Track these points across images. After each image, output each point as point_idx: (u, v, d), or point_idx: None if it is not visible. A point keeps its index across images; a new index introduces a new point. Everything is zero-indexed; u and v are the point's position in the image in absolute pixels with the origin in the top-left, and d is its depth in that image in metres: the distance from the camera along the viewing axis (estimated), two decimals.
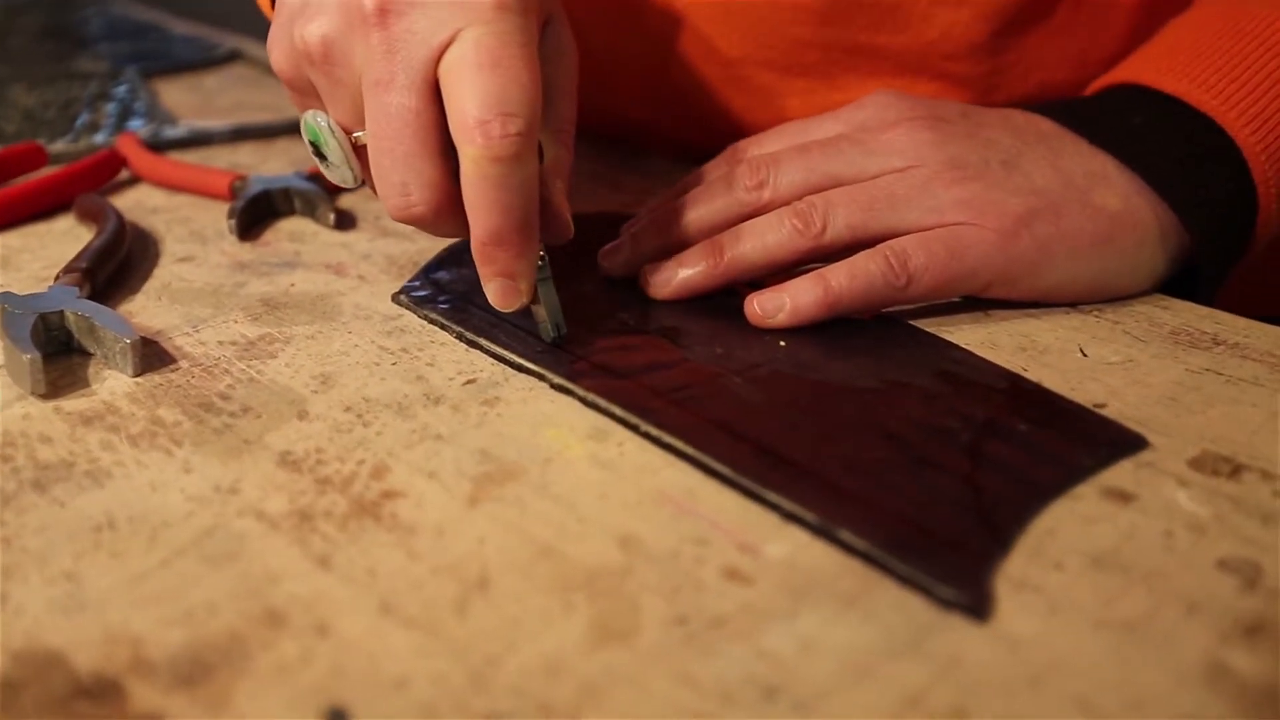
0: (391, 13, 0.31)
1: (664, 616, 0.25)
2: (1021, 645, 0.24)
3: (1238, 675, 0.23)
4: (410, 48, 0.31)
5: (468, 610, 0.25)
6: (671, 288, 0.38)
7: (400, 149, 0.32)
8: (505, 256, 0.33)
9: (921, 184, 0.37)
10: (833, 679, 0.23)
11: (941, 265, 0.36)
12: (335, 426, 0.32)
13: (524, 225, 0.32)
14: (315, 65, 0.33)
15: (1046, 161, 0.38)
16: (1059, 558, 0.26)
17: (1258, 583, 0.25)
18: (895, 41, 0.46)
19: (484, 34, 0.31)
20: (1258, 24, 0.40)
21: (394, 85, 0.32)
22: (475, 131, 0.30)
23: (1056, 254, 0.37)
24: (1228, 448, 0.30)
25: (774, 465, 0.29)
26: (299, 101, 0.37)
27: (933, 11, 0.45)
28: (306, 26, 0.33)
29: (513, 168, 0.31)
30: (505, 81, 0.31)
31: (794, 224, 0.37)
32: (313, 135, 0.35)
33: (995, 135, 0.39)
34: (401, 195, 0.33)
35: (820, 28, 0.46)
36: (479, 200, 0.32)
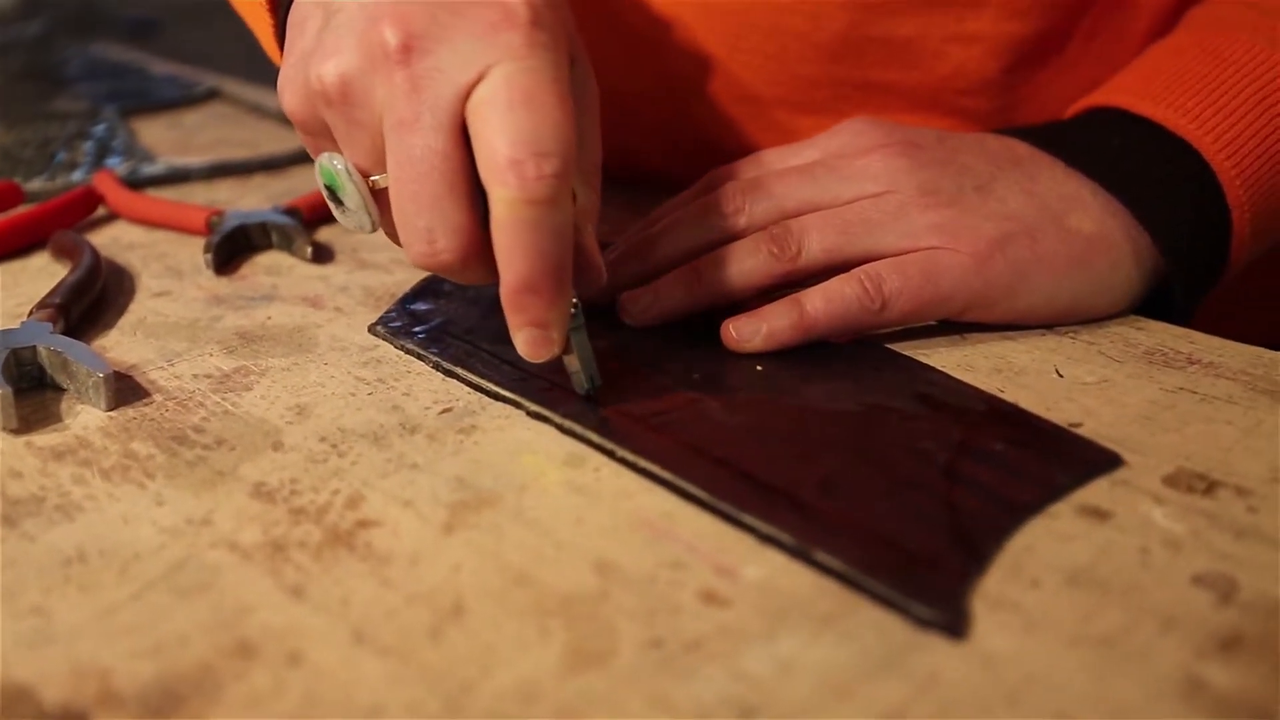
0: (416, 50, 0.30)
1: (640, 640, 0.24)
2: (999, 663, 0.24)
3: (1214, 689, 0.23)
4: (436, 86, 0.30)
5: (442, 638, 0.25)
6: (649, 315, 0.38)
7: (426, 193, 0.30)
8: (538, 305, 0.31)
9: (896, 209, 0.37)
10: (811, 699, 0.23)
11: (916, 289, 0.36)
12: (310, 457, 0.32)
13: (558, 271, 0.30)
14: (332, 105, 0.32)
15: (1020, 186, 0.38)
16: (1036, 575, 0.26)
17: (1233, 597, 0.25)
18: (908, 78, 0.46)
19: (515, 70, 0.30)
20: (1236, 50, 0.40)
21: (419, 126, 0.30)
22: (508, 172, 0.29)
23: (1032, 277, 0.37)
24: (1202, 465, 0.30)
25: (751, 488, 0.29)
26: (311, 144, 0.35)
27: (945, 49, 0.45)
28: (323, 65, 0.31)
29: (548, 210, 0.29)
30: (539, 120, 0.29)
31: (770, 249, 0.37)
32: (328, 179, 0.33)
33: (969, 161, 0.39)
34: (427, 242, 0.31)
35: (831, 65, 0.47)
36: (511, 245, 0.30)
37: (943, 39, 0.45)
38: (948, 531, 0.28)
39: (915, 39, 0.45)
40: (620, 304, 0.39)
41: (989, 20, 0.44)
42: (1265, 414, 0.33)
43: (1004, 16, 0.44)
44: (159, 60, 0.94)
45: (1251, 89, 0.39)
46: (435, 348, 0.38)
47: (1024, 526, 0.28)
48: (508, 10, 0.30)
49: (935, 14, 0.45)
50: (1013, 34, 0.45)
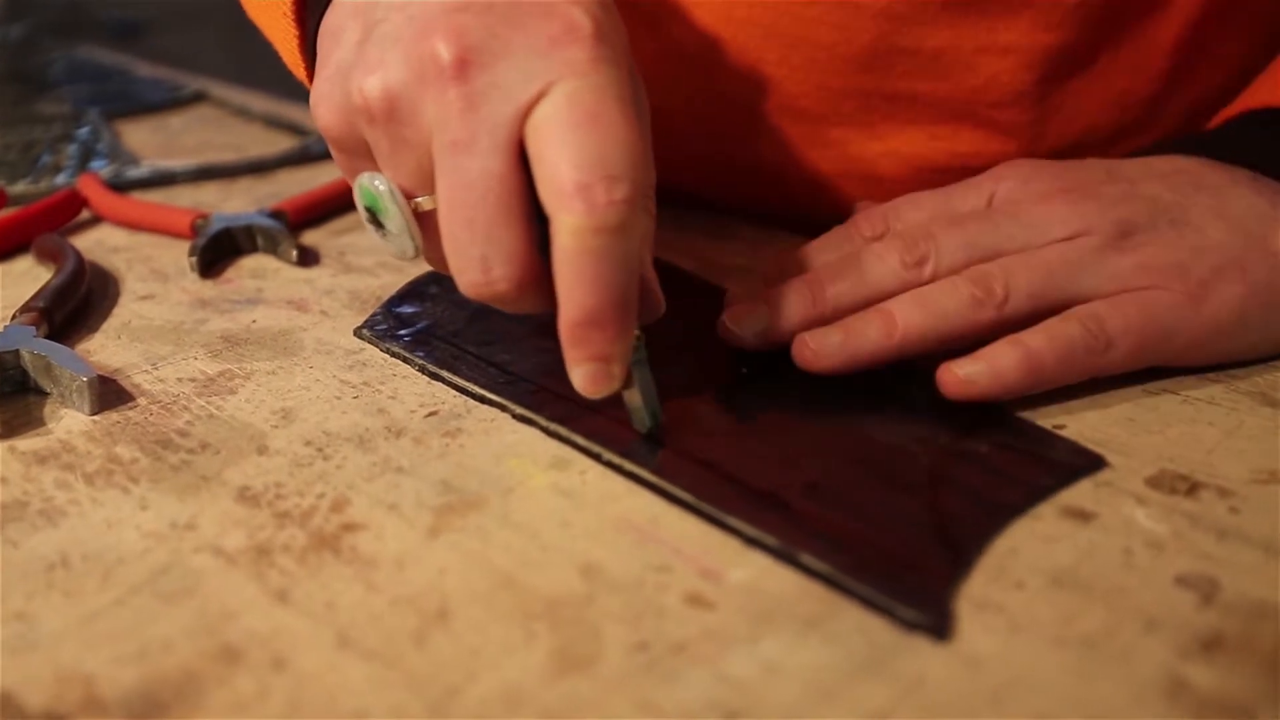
0: (473, 64, 0.28)
1: (625, 643, 0.24)
2: (983, 664, 0.24)
3: (1196, 689, 0.23)
4: (494, 104, 0.28)
5: (427, 641, 0.25)
6: (838, 359, 0.34)
7: (481, 218, 0.29)
8: (601, 339, 0.28)
9: (1095, 251, 0.34)
10: (796, 702, 0.23)
11: (1139, 329, 0.33)
12: (295, 461, 0.32)
13: (624, 304, 0.28)
14: (375, 123, 0.30)
15: (1213, 212, 0.36)
16: (1020, 577, 0.26)
17: (1215, 598, 0.25)
18: (938, 89, 0.45)
19: (579, 88, 0.28)
20: None
21: (475, 147, 0.28)
22: (575, 198, 0.27)
23: (1250, 313, 0.34)
24: (1185, 466, 0.31)
25: (736, 492, 0.29)
26: (346, 164, 0.33)
27: (977, 60, 0.44)
28: (366, 79, 0.29)
29: (617, 239, 0.27)
30: (606, 140, 0.27)
31: (974, 293, 0.34)
32: (369, 201, 0.31)
33: (1153, 192, 0.36)
34: (481, 271, 0.29)
35: (859, 76, 0.45)
36: (577, 276, 0.28)
37: (975, 50, 0.44)
38: (932, 534, 0.28)
39: (947, 50, 0.44)
40: (798, 345, 0.34)
41: (1022, 31, 0.43)
42: (1247, 415, 0.33)
43: (1038, 27, 0.43)
44: (144, 63, 0.93)
45: None
46: (421, 351, 0.38)
47: (1008, 528, 0.28)
48: (570, 23, 0.28)
49: (967, 25, 0.43)
50: (1047, 45, 0.43)
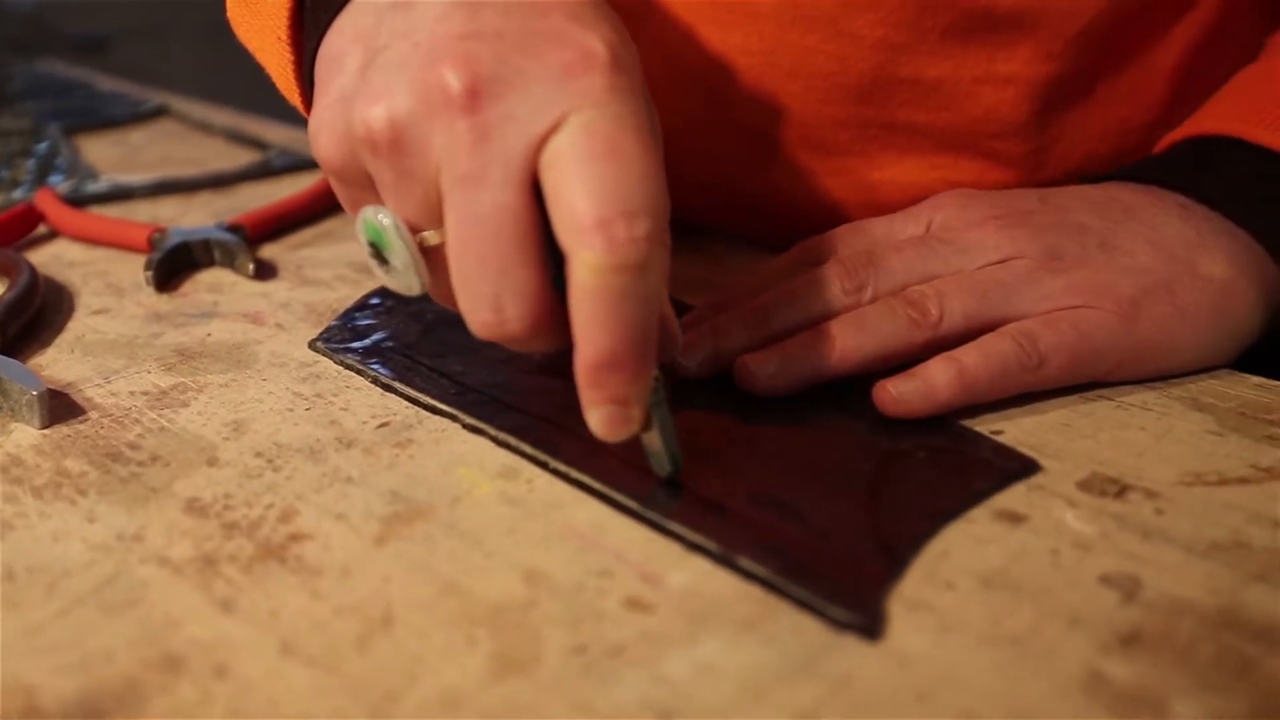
0: (484, 94, 0.27)
1: (564, 647, 0.25)
2: (911, 662, 0.24)
3: (1113, 683, 0.23)
4: (506, 136, 0.27)
5: (369, 648, 0.25)
6: (777, 381, 0.35)
7: (494, 255, 0.27)
8: (619, 381, 0.27)
9: (1027, 273, 0.35)
10: (727, 701, 0.23)
11: (1071, 345, 0.34)
12: (245, 472, 0.32)
13: (644, 344, 0.27)
14: (379, 154, 0.28)
15: (1143, 236, 0.37)
16: (951, 578, 0.27)
17: (1136, 595, 0.26)
18: (937, 120, 0.45)
19: (596, 118, 0.27)
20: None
21: (487, 180, 0.27)
22: (594, 234, 0.26)
23: (1177, 332, 0.36)
24: (1115, 469, 0.31)
25: (679, 498, 0.30)
26: (347, 196, 0.32)
27: (977, 90, 0.44)
28: (370, 108, 0.28)
29: (638, 277, 0.26)
30: (626, 174, 0.26)
31: (910, 314, 0.35)
32: (373, 235, 0.30)
33: (1083, 219, 0.37)
34: (493, 310, 0.28)
35: (857, 107, 0.45)
36: (595, 316, 0.26)
37: (974, 80, 0.43)
38: (869, 538, 0.28)
39: (946, 80, 0.44)
40: (739, 368, 0.35)
41: (1022, 62, 0.43)
42: (1178, 420, 0.34)
43: (1038, 58, 0.43)
44: (106, 77, 0.93)
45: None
46: (374, 362, 0.38)
47: (943, 531, 0.29)
48: (585, 51, 0.27)
49: (966, 55, 0.43)
50: (1047, 75, 0.43)
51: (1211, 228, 0.38)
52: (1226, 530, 0.29)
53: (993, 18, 0.42)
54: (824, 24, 0.43)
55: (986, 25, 0.42)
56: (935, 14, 0.42)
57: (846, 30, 0.43)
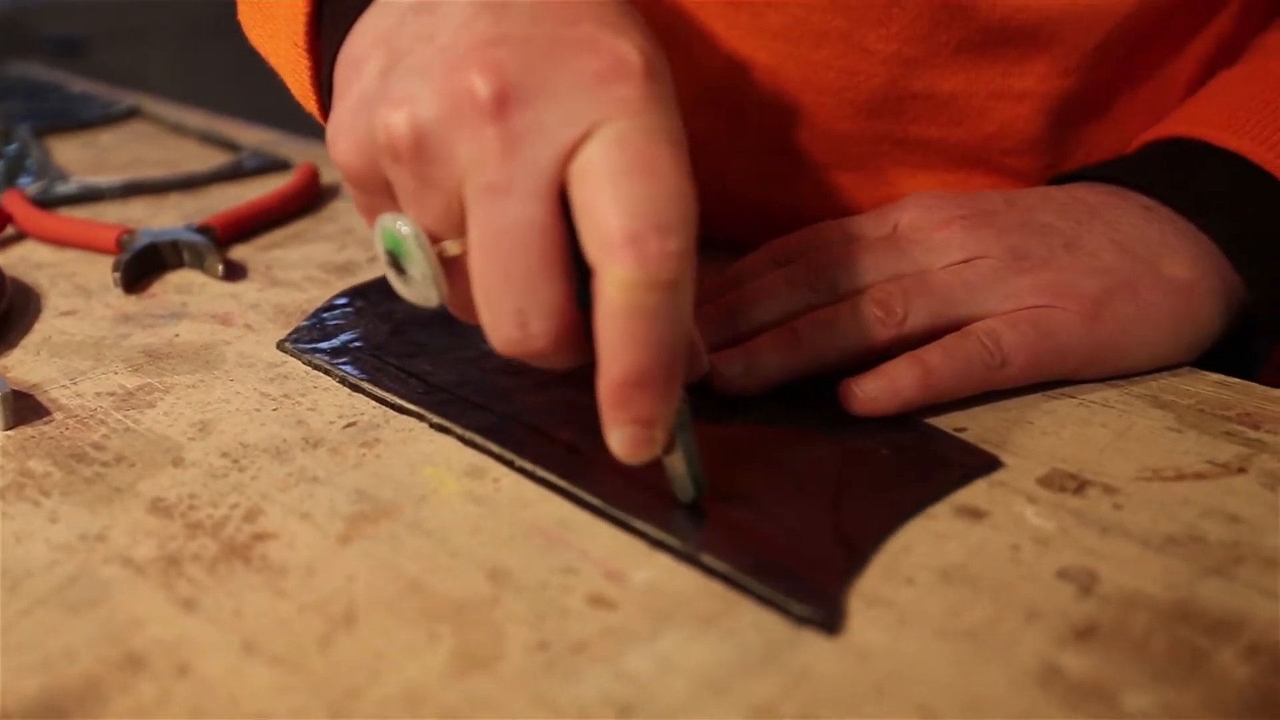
0: (512, 102, 0.26)
1: (527, 643, 0.25)
2: (870, 656, 0.25)
3: (1068, 675, 0.24)
4: (535, 145, 0.26)
5: (332, 646, 0.25)
6: (749, 380, 0.35)
7: (519, 270, 0.26)
8: (646, 401, 0.26)
9: (991, 273, 0.36)
10: (687, 696, 0.23)
11: (1033, 345, 0.35)
12: (210, 472, 0.32)
13: (672, 364, 0.26)
14: (401, 161, 0.27)
15: (1107, 237, 0.37)
16: (911, 573, 0.27)
17: (1093, 589, 0.27)
18: (950, 135, 0.44)
19: (629, 129, 0.26)
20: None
21: (513, 191, 0.26)
22: (625, 250, 0.25)
23: (1139, 333, 0.36)
24: (1075, 465, 0.32)
25: (644, 496, 0.30)
26: (366, 203, 0.30)
27: (990, 105, 0.43)
28: (392, 114, 0.27)
29: (669, 295, 0.25)
30: (659, 188, 0.25)
31: (875, 313, 0.35)
32: (391, 244, 0.29)
33: (1048, 219, 0.38)
34: (517, 326, 0.27)
35: (868, 122, 0.45)
36: (624, 334, 0.25)
37: (988, 95, 0.43)
38: (831, 534, 0.29)
39: (959, 95, 0.43)
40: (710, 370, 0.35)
41: (1037, 77, 0.43)
42: (1138, 417, 0.35)
43: (1054, 73, 0.43)
44: (79, 79, 0.93)
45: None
46: (342, 362, 0.38)
47: (905, 527, 0.29)
48: (618, 58, 0.26)
49: (980, 70, 0.43)
50: (1063, 90, 0.43)
51: (1175, 229, 0.38)
52: (1182, 525, 0.29)
53: (1008, 32, 0.41)
54: (835, 38, 0.43)
55: (1002, 40, 0.42)
56: (950, 28, 0.42)
57: (858, 45, 0.43)
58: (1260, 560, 0.27)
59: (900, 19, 0.42)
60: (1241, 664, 0.24)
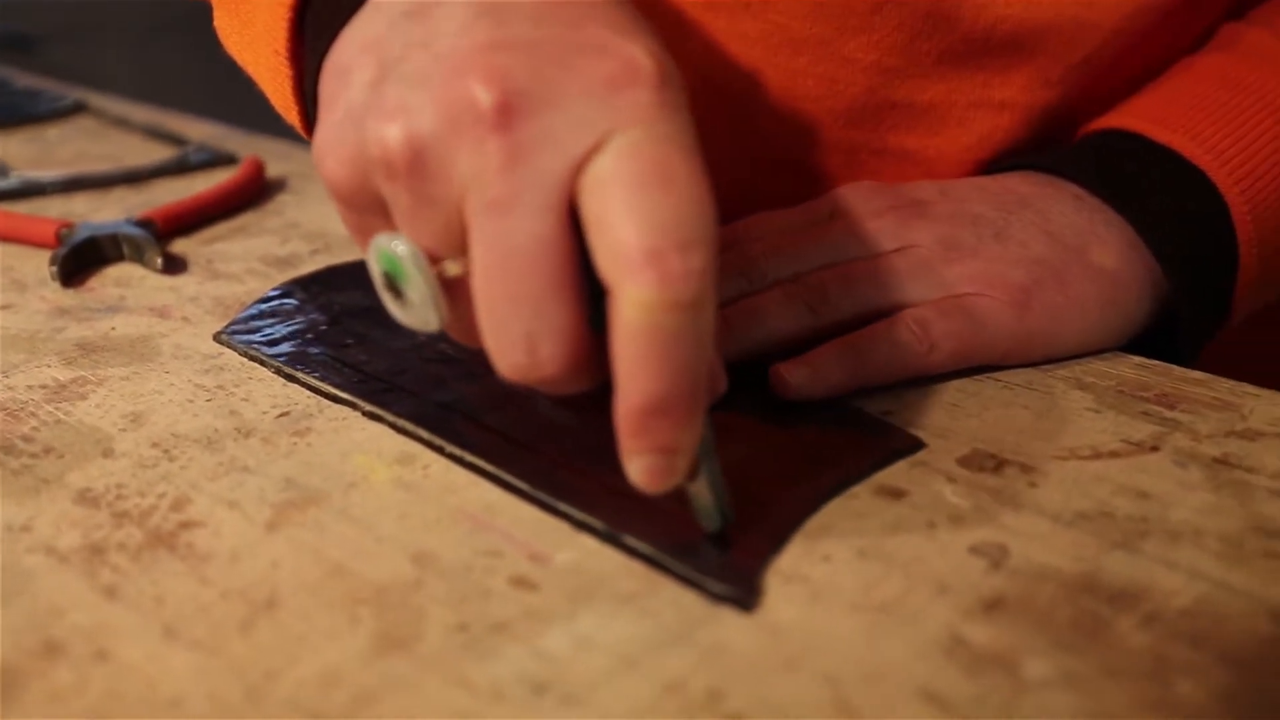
0: (517, 111, 0.24)
1: (447, 624, 0.25)
2: (782, 631, 0.25)
3: (972, 645, 0.24)
4: (542, 157, 0.24)
5: (253, 630, 0.25)
6: None
7: (527, 291, 0.24)
8: (668, 428, 0.24)
9: (921, 263, 0.36)
10: (601, 673, 0.24)
11: (962, 333, 0.35)
12: (140, 463, 0.32)
13: (695, 388, 0.24)
14: (397, 177, 0.25)
15: (1037, 227, 0.38)
16: (828, 551, 0.28)
17: (1003, 563, 0.27)
18: (929, 146, 0.44)
19: (643, 139, 0.24)
20: (1259, 81, 0.40)
21: (520, 206, 0.24)
22: (646, 268, 0.23)
23: (1067, 321, 0.37)
24: (995, 446, 0.33)
25: (570, 479, 0.31)
26: (357, 222, 0.28)
27: (970, 116, 0.43)
28: (385, 126, 0.25)
29: (691, 315, 0.23)
30: (678, 200, 0.23)
31: (805, 301, 0.35)
32: (389, 266, 0.27)
33: (979, 209, 0.38)
34: (526, 352, 0.25)
35: (847, 130, 0.45)
36: (643, 357, 0.24)
37: (968, 105, 0.43)
38: (754, 514, 0.29)
39: (939, 104, 0.43)
40: None
41: (1018, 88, 0.42)
42: (1060, 399, 0.35)
43: (1035, 85, 0.42)
44: (25, 74, 0.92)
45: (1270, 120, 0.39)
46: (278, 352, 0.38)
47: (826, 507, 0.30)
48: (629, 62, 0.25)
49: (962, 79, 0.43)
50: (1044, 102, 0.43)
51: (1104, 219, 0.39)
52: (1094, 501, 0.30)
53: (990, 43, 0.41)
54: (814, 46, 0.43)
55: (984, 50, 0.42)
56: (931, 38, 0.41)
57: (838, 53, 0.43)
58: (1165, 534, 0.28)
59: (881, 28, 0.42)
60: (1139, 632, 0.25)
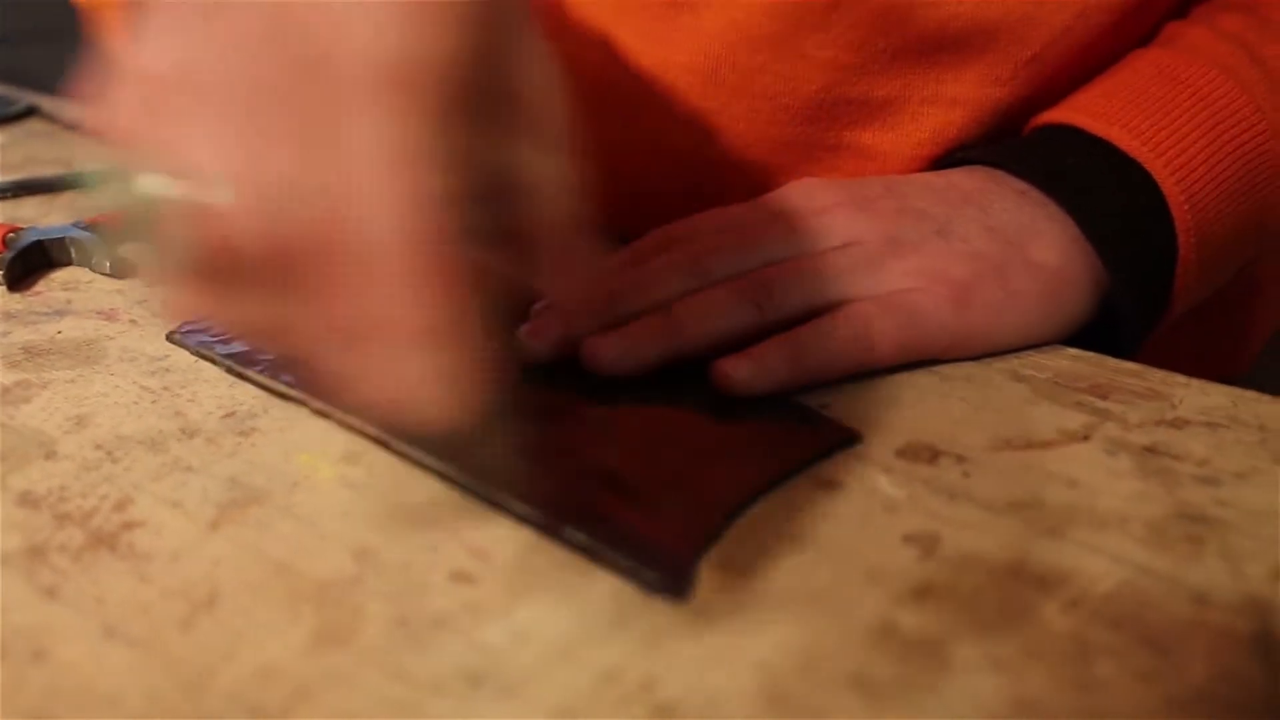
0: None
1: (386, 619, 0.26)
2: (716, 620, 0.26)
3: (902, 631, 0.25)
4: None
5: (192, 628, 0.25)
6: (623, 365, 0.35)
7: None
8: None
9: (865, 259, 0.37)
10: (537, 664, 0.24)
11: (900, 329, 0.36)
12: (83, 465, 0.32)
13: None
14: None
15: (979, 223, 0.38)
16: (764, 542, 0.28)
17: (934, 551, 0.28)
18: (883, 142, 0.45)
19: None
20: (1196, 76, 0.40)
21: None
22: None
23: (1006, 316, 0.37)
24: (931, 437, 0.33)
25: (513, 473, 0.31)
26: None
27: (923, 111, 0.44)
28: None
29: None
30: None
31: (751, 298, 0.36)
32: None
33: (923, 206, 0.39)
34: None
35: (804, 127, 0.45)
36: None
37: (921, 101, 0.44)
38: (691, 507, 0.30)
39: (894, 100, 0.44)
40: (586, 351, 0.36)
41: (970, 84, 0.43)
42: (996, 391, 0.36)
43: (988, 81, 0.43)
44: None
45: (1205, 114, 0.40)
46: (229, 350, 0.38)
47: (764, 499, 0.30)
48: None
49: (916, 75, 0.43)
50: (997, 99, 0.43)
51: (1046, 213, 0.39)
52: (1026, 490, 0.30)
53: (944, 40, 0.42)
54: (772, 43, 0.43)
55: (937, 47, 0.42)
56: (887, 34, 0.42)
57: (795, 50, 0.43)
58: (1092, 520, 0.29)
59: (838, 24, 0.42)
60: (1062, 615, 0.26)
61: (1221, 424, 0.34)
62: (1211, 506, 0.30)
